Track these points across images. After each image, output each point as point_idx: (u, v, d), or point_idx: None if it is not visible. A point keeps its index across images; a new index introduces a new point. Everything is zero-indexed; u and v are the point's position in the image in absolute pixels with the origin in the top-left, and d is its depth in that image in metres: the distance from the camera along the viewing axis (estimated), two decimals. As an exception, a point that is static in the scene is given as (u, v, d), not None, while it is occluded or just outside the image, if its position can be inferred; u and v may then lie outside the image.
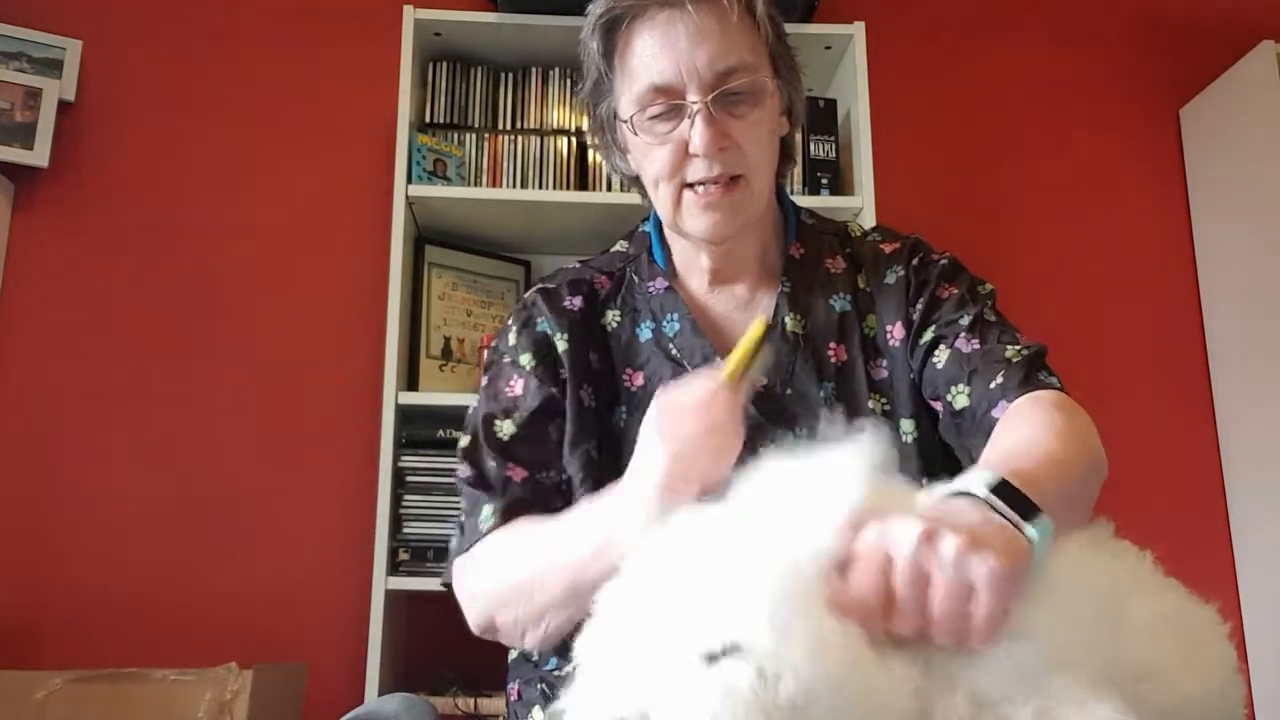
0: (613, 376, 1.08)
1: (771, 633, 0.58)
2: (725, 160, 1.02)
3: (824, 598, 0.62)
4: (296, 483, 2.19)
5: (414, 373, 2.10)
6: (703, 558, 0.64)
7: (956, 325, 1.03)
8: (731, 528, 0.66)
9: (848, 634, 0.61)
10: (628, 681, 0.60)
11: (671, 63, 1.01)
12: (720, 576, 0.62)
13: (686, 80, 1.01)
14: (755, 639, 0.58)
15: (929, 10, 2.61)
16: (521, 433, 1.05)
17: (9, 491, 2.12)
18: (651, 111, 1.03)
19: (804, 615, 0.59)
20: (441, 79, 2.27)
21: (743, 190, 1.04)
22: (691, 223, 1.06)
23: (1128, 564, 0.81)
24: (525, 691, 1.07)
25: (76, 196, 2.28)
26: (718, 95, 1.00)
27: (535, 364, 1.07)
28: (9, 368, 2.18)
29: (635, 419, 1.03)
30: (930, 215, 2.39)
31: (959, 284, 1.07)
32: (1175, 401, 2.43)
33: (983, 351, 1.00)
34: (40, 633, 2.06)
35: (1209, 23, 2.63)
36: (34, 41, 2.28)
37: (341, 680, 2.00)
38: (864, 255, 1.13)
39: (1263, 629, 2.22)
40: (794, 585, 0.61)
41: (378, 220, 2.20)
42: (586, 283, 1.13)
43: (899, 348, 1.07)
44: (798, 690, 0.57)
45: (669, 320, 1.10)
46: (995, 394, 0.96)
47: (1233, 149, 2.41)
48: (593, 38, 1.08)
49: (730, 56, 1.01)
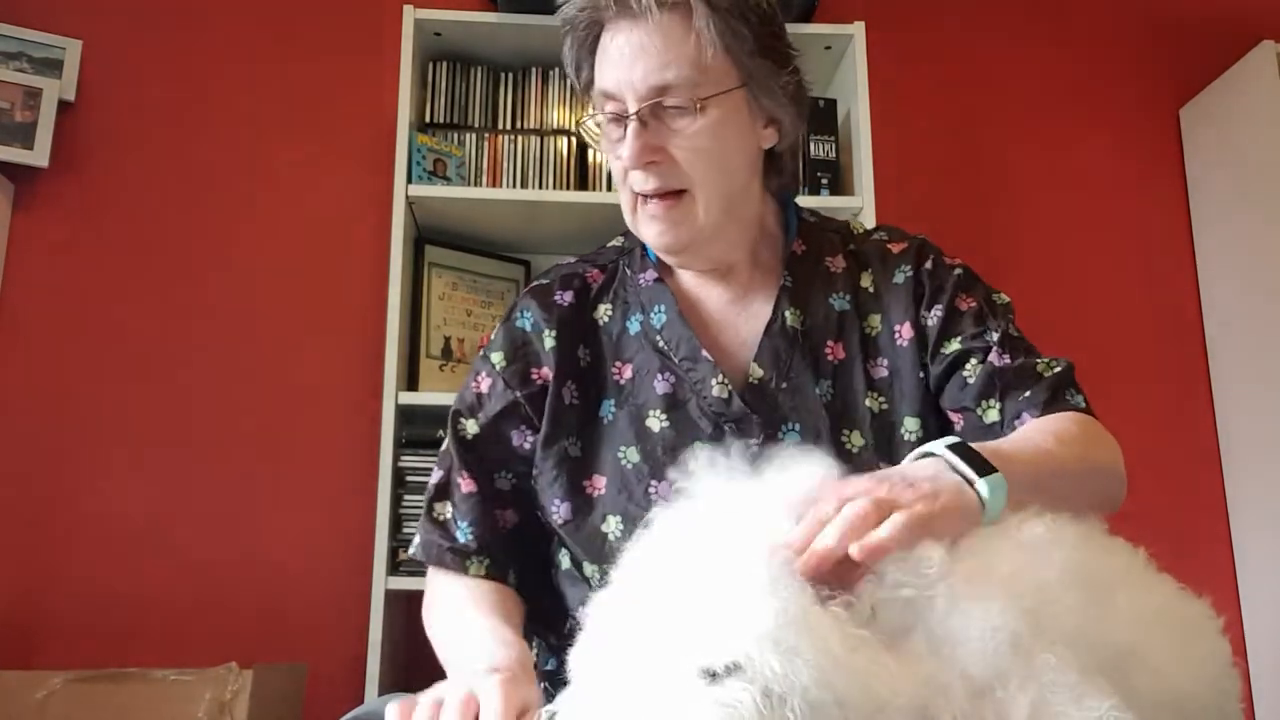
0: (601, 370, 1.09)
1: (776, 653, 0.58)
2: (660, 173, 1.03)
3: (816, 601, 0.62)
4: (297, 483, 2.19)
5: (414, 373, 2.10)
6: (694, 566, 0.63)
7: (985, 339, 1.03)
8: (719, 531, 0.66)
9: (848, 637, 0.61)
10: (626, 700, 0.60)
11: (614, 74, 1.03)
12: (716, 587, 0.61)
13: (625, 91, 1.02)
14: (758, 658, 0.57)
15: (929, 10, 2.61)
16: (484, 433, 1.08)
17: (9, 492, 2.12)
18: (601, 117, 1.06)
19: (809, 633, 0.59)
20: (441, 79, 2.27)
21: (686, 205, 1.04)
22: (644, 230, 1.08)
23: (1119, 557, 0.82)
24: None
25: (76, 196, 2.28)
26: (650, 108, 1.01)
27: (505, 364, 1.09)
28: (9, 368, 2.18)
29: (622, 412, 1.06)
30: (930, 215, 2.39)
31: (976, 295, 1.08)
32: (1175, 399, 2.43)
33: (1015, 368, 1.01)
34: (40, 633, 2.06)
35: (1209, 23, 2.64)
36: (34, 41, 2.28)
37: (341, 680, 2.00)
38: (869, 254, 1.13)
39: (1263, 627, 2.22)
40: (795, 598, 0.61)
41: (378, 220, 2.20)
42: (579, 277, 1.14)
43: (907, 348, 1.06)
44: (807, 706, 0.57)
45: (657, 311, 1.10)
46: (1022, 406, 0.98)
47: (1233, 149, 2.41)
48: (568, 45, 1.10)
49: (666, 71, 1.00)
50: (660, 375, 1.06)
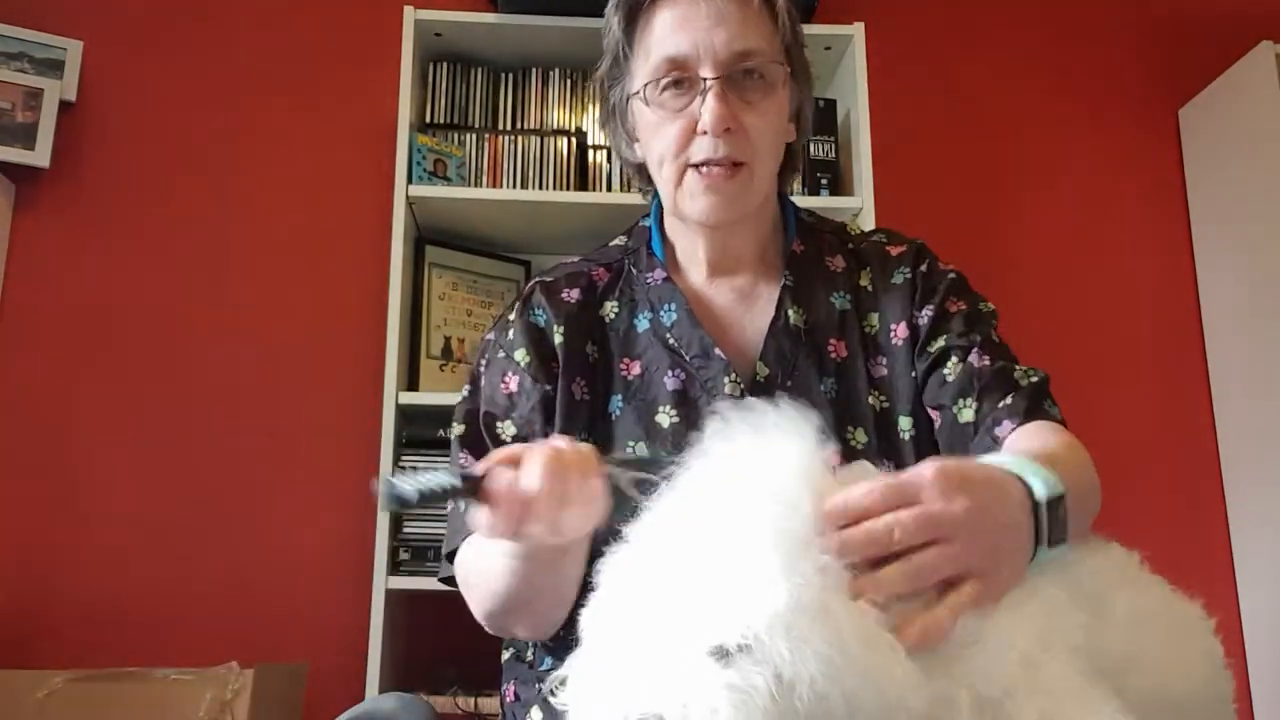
0: (609, 367, 1.09)
1: (786, 638, 0.57)
2: (732, 143, 1.02)
3: (842, 590, 0.62)
4: (297, 482, 2.19)
5: (414, 373, 2.10)
6: (712, 535, 0.62)
7: (968, 340, 1.04)
8: (728, 502, 0.65)
9: (865, 633, 0.60)
10: (636, 677, 0.59)
11: (689, 38, 1.02)
12: (733, 561, 0.60)
13: (702, 56, 1.02)
14: (768, 642, 0.57)
15: (929, 10, 2.61)
16: (521, 432, 1.06)
17: (9, 491, 2.13)
18: (664, 83, 1.04)
19: (823, 622, 0.59)
20: (442, 79, 2.27)
21: (744, 178, 1.04)
22: (690, 203, 1.06)
23: (1114, 559, 0.82)
24: (523, 692, 1.07)
25: (77, 197, 2.28)
26: (731, 76, 1.02)
27: (529, 360, 1.08)
28: (9, 368, 2.19)
29: (630, 408, 1.05)
30: (930, 215, 2.39)
31: (966, 300, 1.09)
32: (1174, 399, 2.43)
33: (994, 370, 1.02)
34: (40, 633, 2.06)
35: (1208, 23, 2.64)
36: (35, 42, 2.28)
37: (342, 680, 2.00)
38: (868, 254, 1.14)
39: (1261, 626, 2.22)
40: (814, 582, 0.60)
41: (378, 220, 2.20)
42: (584, 275, 1.13)
43: (902, 347, 1.07)
44: (814, 696, 0.57)
45: (666, 310, 1.10)
46: (1002, 413, 0.99)
47: (1232, 149, 2.41)
48: (615, 14, 1.09)
49: (748, 40, 1.02)
50: (670, 372, 1.06)
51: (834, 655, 0.58)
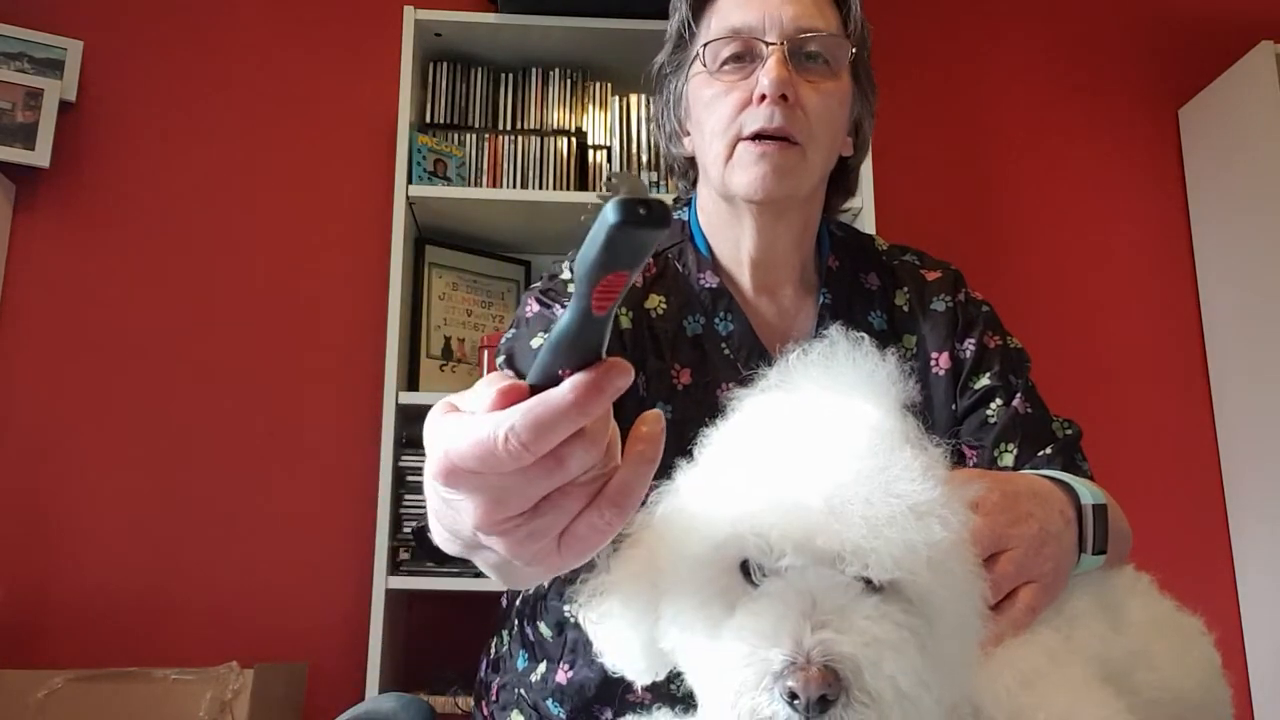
0: (658, 366, 1.03)
1: (931, 571, 0.57)
2: (788, 115, 0.99)
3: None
4: (297, 483, 2.19)
5: (414, 373, 2.10)
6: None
7: (1011, 384, 1.04)
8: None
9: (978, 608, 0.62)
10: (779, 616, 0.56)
11: (756, 11, 1.01)
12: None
13: (768, 27, 1.01)
14: (914, 577, 0.56)
15: (928, 10, 2.61)
16: None
17: (9, 491, 2.13)
18: (725, 55, 1.02)
19: (961, 562, 0.60)
20: (442, 79, 2.27)
21: (797, 156, 1.00)
22: (740, 175, 1.01)
23: (1127, 576, 0.86)
24: (502, 695, 1.06)
25: (77, 197, 2.28)
26: (795, 48, 1.00)
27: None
28: (9, 368, 2.19)
29: (677, 419, 0.97)
30: (930, 215, 2.40)
31: (1001, 336, 1.08)
32: (1174, 398, 2.43)
33: (1035, 418, 1.02)
34: (40, 633, 2.06)
35: (1208, 23, 2.64)
36: (35, 42, 2.29)
37: (341, 680, 2.00)
38: (903, 274, 1.11)
39: (1262, 628, 2.22)
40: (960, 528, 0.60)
41: (378, 220, 2.20)
42: None
43: (943, 378, 1.05)
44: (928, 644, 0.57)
45: (722, 319, 1.06)
46: (1040, 463, 0.99)
47: (1232, 149, 2.41)
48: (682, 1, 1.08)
49: (816, 19, 1.02)
50: (725, 385, 1.00)
51: (962, 605, 0.60)
